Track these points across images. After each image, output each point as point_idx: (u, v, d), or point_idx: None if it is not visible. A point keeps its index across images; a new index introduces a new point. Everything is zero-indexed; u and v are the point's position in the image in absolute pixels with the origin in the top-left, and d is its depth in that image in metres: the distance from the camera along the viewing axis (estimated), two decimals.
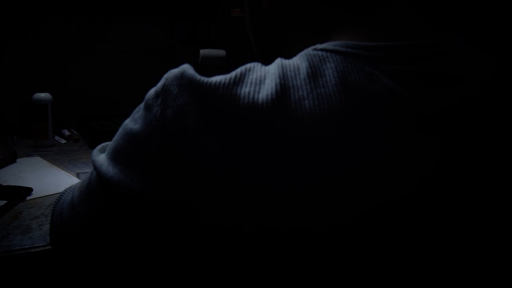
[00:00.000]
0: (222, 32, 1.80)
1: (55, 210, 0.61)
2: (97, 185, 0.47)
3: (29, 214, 0.86)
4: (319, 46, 0.42)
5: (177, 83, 0.40)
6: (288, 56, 0.48)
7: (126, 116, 1.64)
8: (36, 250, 0.74)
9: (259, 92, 0.38)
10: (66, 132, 1.42)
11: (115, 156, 0.44)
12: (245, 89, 0.38)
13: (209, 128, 0.37)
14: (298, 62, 0.41)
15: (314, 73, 0.39)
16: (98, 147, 0.55)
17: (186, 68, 0.41)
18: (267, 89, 0.38)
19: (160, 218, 0.40)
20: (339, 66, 0.39)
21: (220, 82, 0.39)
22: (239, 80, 0.39)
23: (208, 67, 1.71)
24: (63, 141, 1.40)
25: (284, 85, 0.38)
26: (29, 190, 0.96)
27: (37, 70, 1.50)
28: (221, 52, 1.70)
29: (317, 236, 0.35)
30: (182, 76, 0.40)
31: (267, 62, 0.57)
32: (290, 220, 0.35)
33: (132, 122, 0.44)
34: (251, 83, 0.39)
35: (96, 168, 0.47)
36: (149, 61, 1.71)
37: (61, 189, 0.99)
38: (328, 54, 0.40)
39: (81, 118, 1.52)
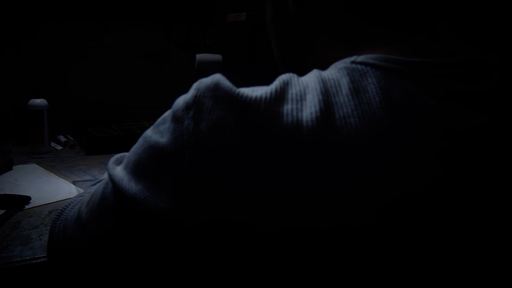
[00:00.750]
0: (218, 37, 1.80)
1: (57, 226, 0.57)
2: (114, 201, 0.44)
3: (28, 223, 0.85)
4: (357, 58, 0.41)
5: (211, 95, 0.38)
6: (314, 62, 0.48)
7: (123, 121, 1.63)
8: (37, 261, 0.73)
9: (301, 110, 0.37)
10: (62, 138, 1.41)
11: (138, 171, 0.42)
12: (287, 107, 0.37)
13: (248, 145, 0.36)
14: (338, 76, 0.40)
15: (356, 88, 0.38)
16: (113, 159, 0.51)
17: (221, 79, 0.39)
18: (310, 107, 0.37)
19: (190, 237, 0.38)
20: (381, 82, 0.38)
21: (261, 98, 0.37)
22: (280, 96, 0.38)
23: (204, 71, 1.71)
24: (59, 148, 1.38)
25: (327, 102, 0.37)
26: (27, 199, 0.95)
27: (32, 75, 1.49)
28: (217, 57, 1.69)
29: (347, 234, 0.36)
30: (217, 88, 0.38)
31: (289, 67, 0.56)
32: (326, 219, 0.36)
33: (157, 135, 0.41)
34: (292, 100, 0.38)
35: (115, 183, 0.43)
36: (145, 65, 1.70)
37: (59, 197, 0.98)
38: (369, 68, 0.39)
39: (76, 124, 1.51)
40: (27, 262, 0.72)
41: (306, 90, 0.39)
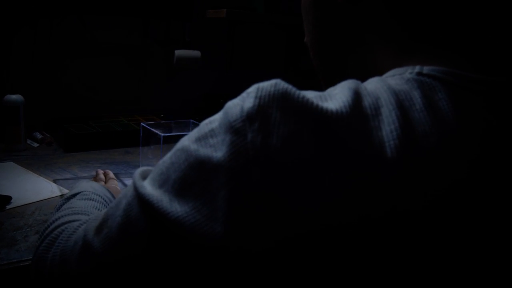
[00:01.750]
0: (197, 33, 1.79)
1: (48, 259, 0.50)
2: (146, 225, 0.38)
3: (11, 224, 0.83)
4: (423, 70, 0.39)
5: (279, 105, 0.35)
6: (356, 67, 0.47)
7: (100, 118, 1.61)
8: (25, 264, 0.71)
9: (379, 126, 0.35)
10: (38, 135, 1.37)
11: (183, 190, 0.36)
12: (366, 122, 0.35)
13: (327, 162, 0.33)
14: (407, 88, 0.38)
15: (428, 104, 0.37)
16: (138, 175, 0.42)
17: (287, 88, 0.36)
18: (388, 123, 0.35)
19: (242, 264, 0.34)
20: (451, 98, 0.37)
21: (341, 112, 0.35)
22: (356, 109, 0.35)
23: (182, 68, 1.70)
24: (36, 145, 1.35)
25: (405, 118, 0.36)
26: (8, 199, 0.92)
27: (6, 71, 1.44)
28: (196, 53, 1.69)
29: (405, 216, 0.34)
30: (284, 98, 0.35)
31: (326, 71, 0.54)
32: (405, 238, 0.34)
33: (206, 148, 0.36)
34: (368, 114, 0.36)
35: (151, 204, 0.37)
36: (122, 62, 1.67)
37: (41, 196, 0.96)
38: (437, 83, 0.38)
39: (53, 120, 1.47)
40: (14, 265, 0.71)
41: (379, 102, 0.37)
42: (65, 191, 1.01)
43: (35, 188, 1.01)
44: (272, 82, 0.36)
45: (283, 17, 1.82)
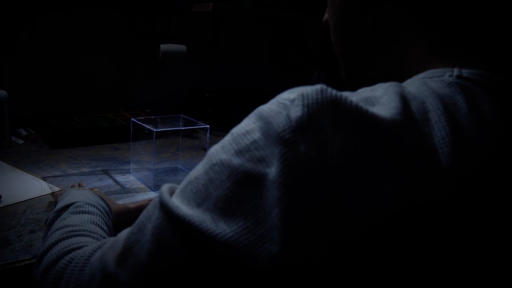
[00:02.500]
0: (181, 27, 1.77)
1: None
2: (183, 249, 0.35)
3: (3, 224, 0.81)
4: (463, 73, 0.40)
5: (330, 114, 0.33)
6: (382, 57, 0.46)
7: (85, 113, 1.57)
8: (21, 264, 0.70)
9: (431, 132, 0.35)
10: (23, 132, 1.34)
11: (230, 209, 0.34)
12: (419, 128, 0.35)
13: (385, 171, 0.33)
14: (450, 92, 0.38)
15: (472, 108, 0.37)
16: (167, 193, 0.39)
17: (335, 94, 0.34)
18: (439, 128, 0.35)
19: (299, 282, 0.32)
20: (494, 103, 0.38)
21: (395, 119, 0.34)
22: (407, 114, 0.35)
23: (168, 62, 1.68)
24: (20, 142, 1.32)
25: (454, 123, 0.35)
26: None
27: None
28: (181, 47, 1.67)
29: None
30: (335, 106, 0.34)
31: (351, 55, 0.53)
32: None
33: (254, 163, 0.34)
34: (418, 119, 0.35)
35: (192, 226, 0.34)
36: (106, 56, 1.65)
37: (31, 194, 0.94)
38: (477, 87, 0.38)
39: (36, 116, 1.44)
40: (11, 266, 0.69)
41: (425, 106, 0.36)
42: (55, 188, 0.99)
43: (24, 186, 0.99)
44: (317, 88, 0.35)
45: (269, 11, 1.81)
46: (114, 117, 1.51)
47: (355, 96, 0.37)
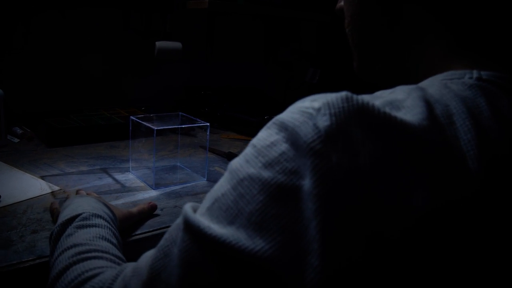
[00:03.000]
0: (177, 24, 1.76)
1: None
2: (217, 269, 0.34)
3: (4, 224, 0.80)
4: (482, 75, 0.40)
5: (358, 122, 0.33)
6: (398, 66, 0.47)
7: (80, 111, 1.56)
8: (25, 265, 0.69)
9: (456, 135, 0.35)
10: (18, 130, 1.32)
11: (265, 223, 0.33)
12: (445, 132, 0.35)
13: (416, 177, 0.33)
14: (471, 94, 0.38)
15: (495, 111, 0.37)
16: (190, 212, 0.38)
17: (361, 101, 0.34)
18: (464, 132, 0.35)
19: None
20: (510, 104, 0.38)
21: (423, 125, 0.34)
22: (433, 119, 0.35)
23: (164, 59, 1.67)
24: (16, 140, 1.30)
25: (479, 126, 0.36)
26: None
27: None
28: (177, 45, 1.66)
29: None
30: (362, 113, 0.34)
31: (365, 47, 0.53)
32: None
33: (286, 175, 0.33)
34: (443, 124, 0.36)
35: (227, 245, 0.33)
36: (101, 54, 1.63)
37: (31, 194, 0.93)
38: (498, 89, 0.39)
39: (31, 114, 1.43)
40: (14, 267, 0.68)
41: (449, 109, 0.37)
42: (55, 188, 0.98)
43: (23, 185, 0.98)
44: (342, 95, 0.35)
45: (264, 8, 1.81)
46: (110, 115, 1.50)
47: (377, 100, 0.36)
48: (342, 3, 0.55)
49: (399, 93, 0.38)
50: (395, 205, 0.32)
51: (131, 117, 1.08)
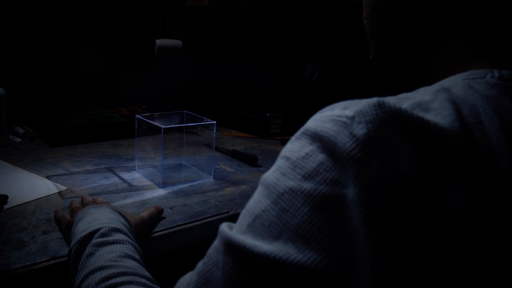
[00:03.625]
0: (177, 22, 1.75)
1: None
2: (263, 284, 0.34)
3: (14, 225, 0.79)
4: (503, 74, 0.41)
5: (394, 128, 0.34)
6: (413, 61, 0.48)
7: (80, 110, 1.55)
8: (39, 266, 0.68)
9: (486, 134, 0.36)
10: (20, 130, 1.31)
11: (313, 234, 0.33)
12: (474, 132, 0.36)
13: (453, 179, 0.34)
14: (495, 93, 0.39)
15: None
16: (234, 232, 0.38)
17: (394, 107, 0.35)
18: (493, 131, 0.36)
19: None
20: None
21: (454, 127, 0.35)
22: (463, 120, 0.36)
23: (163, 57, 1.66)
24: (18, 140, 1.28)
25: (506, 124, 0.36)
26: (4, 198, 0.88)
27: None
28: (177, 42, 1.65)
29: None
30: (396, 119, 0.34)
31: (382, 40, 0.54)
32: None
33: (328, 185, 0.34)
34: (472, 123, 0.36)
35: (279, 261, 0.33)
36: (101, 52, 1.62)
37: (38, 194, 0.92)
38: None
39: (32, 114, 1.41)
40: (28, 269, 0.68)
41: (476, 109, 0.37)
42: (62, 187, 0.97)
43: (29, 185, 0.97)
44: (373, 102, 0.35)
45: (263, 5, 1.80)
46: (111, 114, 1.49)
47: (405, 103, 0.37)
48: None
49: (424, 94, 0.39)
50: (435, 206, 0.33)
51: (137, 115, 1.07)
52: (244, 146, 1.42)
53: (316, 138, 0.36)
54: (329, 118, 0.36)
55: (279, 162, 0.38)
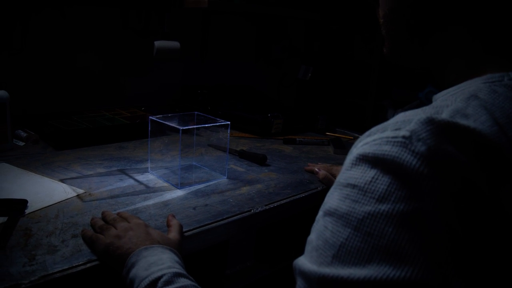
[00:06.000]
0: (176, 24, 1.74)
1: None
2: None
3: (40, 229, 0.78)
4: None
5: (448, 140, 0.38)
6: (430, 51, 0.52)
7: (81, 113, 1.54)
8: (77, 269, 0.68)
9: None
10: (22, 133, 1.28)
11: (405, 250, 0.35)
12: (509, 133, 0.40)
13: (502, 177, 0.38)
14: None
15: None
16: (312, 266, 0.40)
17: (442, 122, 0.39)
18: None
19: None
20: None
21: (494, 132, 0.39)
22: (497, 124, 0.40)
23: (162, 59, 1.65)
24: (21, 143, 1.26)
25: None
26: (24, 202, 0.86)
27: None
28: (175, 44, 1.65)
29: None
30: (447, 132, 0.38)
31: (397, 38, 0.57)
32: None
33: (404, 203, 0.36)
34: (504, 123, 0.41)
35: (377, 281, 0.35)
36: (99, 53, 1.60)
37: (57, 198, 0.91)
38: None
39: (33, 117, 1.38)
40: (67, 272, 0.67)
41: (505, 111, 0.42)
42: (80, 191, 0.95)
43: (46, 189, 0.95)
44: (424, 119, 0.38)
45: (259, 7, 1.82)
46: (113, 116, 1.47)
47: (444, 112, 0.41)
48: None
49: (455, 100, 0.43)
50: (495, 203, 0.37)
51: (150, 117, 1.07)
52: (248, 146, 1.42)
53: (377, 162, 0.38)
54: (385, 141, 0.39)
55: (345, 191, 0.40)
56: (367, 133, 0.43)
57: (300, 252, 0.46)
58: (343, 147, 1.45)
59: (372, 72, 2.18)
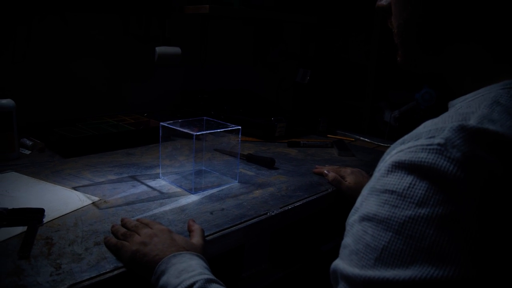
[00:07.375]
0: (175, 29, 1.74)
1: None
2: None
3: (61, 238, 0.78)
4: None
5: (479, 146, 0.40)
6: (445, 57, 0.54)
7: (84, 120, 1.55)
8: (105, 277, 0.67)
9: None
10: (28, 142, 1.27)
11: (445, 250, 0.38)
12: None
13: None
14: None
15: None
16: (353, 269, 0.42)
17: (473, 129, 0.41)
18: None
19: None
20: None
21: None
22: None
23: (163, 65, 1.65)
24: (27, 152, 1.25)
25: None
26: (41, 211, 0.86)
27: None
28: (176, 50, 1.65)
29: None
30: (478, 138, 0.40)
31: (409, 44, 0.58)
32: None
33: (442, 206, 0.39)
34: None
35: (421, 281, 0.38)
36: (101, 60, 1.59)
37: (73, 206, 0.90)
38: None
39: (37, 124, 1.37)
40: (96, 280, 0.66)
41: None
42: (94, 198, 0.95)
43: (60, 198, 0.95)
44: (456, 126, 0.41)
45: (257, 11, 1.83)
46: (117, 122, 1.47)
47: (472, 118, 0.43)
48: (383, 1, 0.60)
49: (479, 107, 0.45)
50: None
51: (161, 123, 1.07)
52: (254, 150, 1.43)
53: (414, 168, 0.40)
54: (420, 148, 0.41)
55: (383, 197, 0.42)
56: (400, 140, 0.45)
57: (312, 254, 0.47)
58: (347, 149, 1.46)
59: (369, 74, 2.20)
